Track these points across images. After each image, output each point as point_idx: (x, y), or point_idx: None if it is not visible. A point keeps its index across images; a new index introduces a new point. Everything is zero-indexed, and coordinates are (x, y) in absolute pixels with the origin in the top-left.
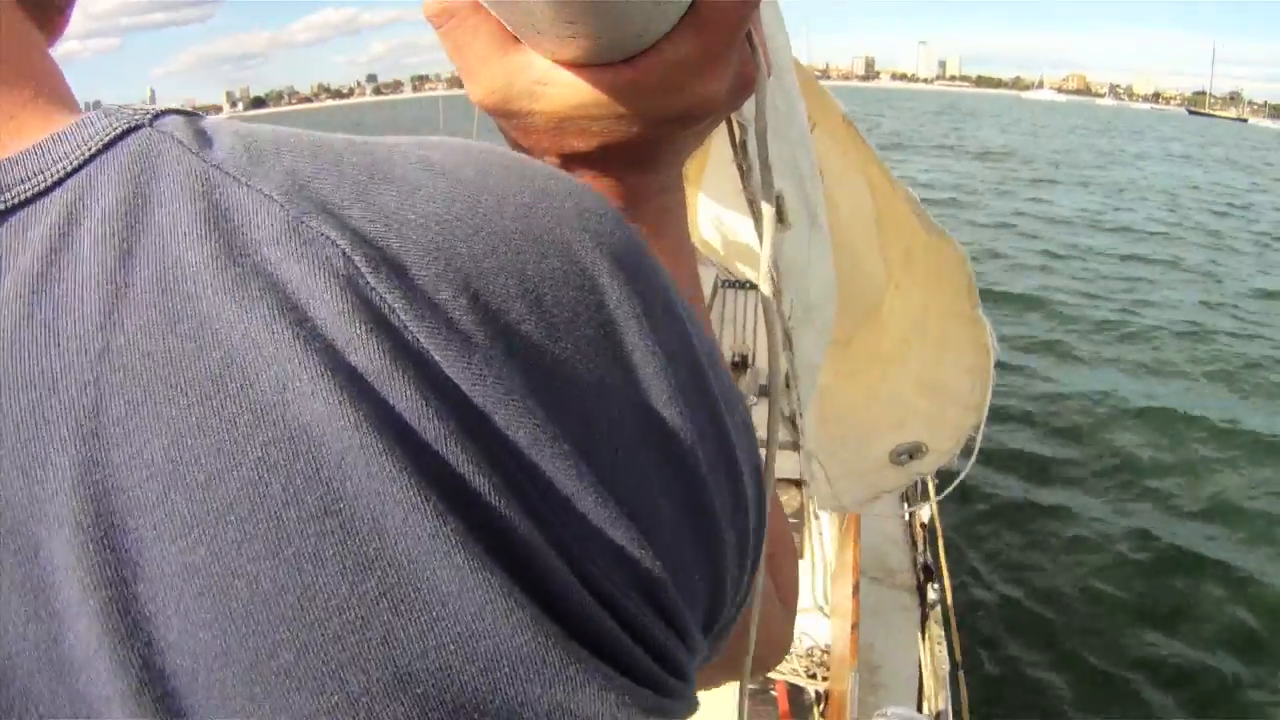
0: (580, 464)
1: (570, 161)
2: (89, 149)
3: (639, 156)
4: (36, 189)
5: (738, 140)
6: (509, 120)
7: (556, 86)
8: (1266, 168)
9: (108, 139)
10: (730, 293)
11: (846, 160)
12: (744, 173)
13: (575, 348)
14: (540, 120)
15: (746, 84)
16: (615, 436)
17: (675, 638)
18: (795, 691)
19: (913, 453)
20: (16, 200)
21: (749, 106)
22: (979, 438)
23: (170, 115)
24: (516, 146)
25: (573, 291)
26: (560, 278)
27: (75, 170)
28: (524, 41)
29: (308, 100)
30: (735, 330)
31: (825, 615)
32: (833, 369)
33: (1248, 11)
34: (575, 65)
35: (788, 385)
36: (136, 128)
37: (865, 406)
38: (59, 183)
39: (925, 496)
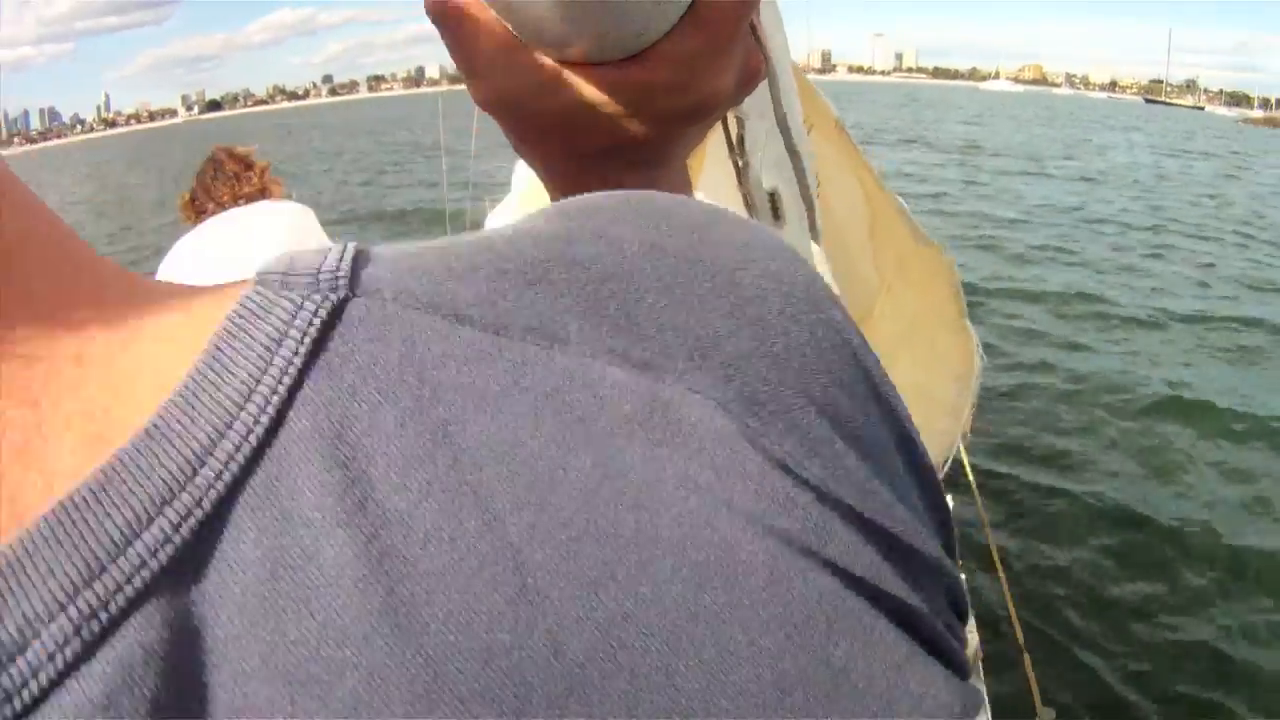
0: (919, 521)
1: (579, 161)
2: (286, 375)
3: (648, 154)
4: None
5: (734, 136)
6: (516, 120)
7: (566, 86)
8: (1233, 155)
9: (311, 338)
10: None
11: (840, 164)
12: (740, 170)
13: (869, 413)
14: (549, 120)
15: (752, 75)
16: (902, 479)
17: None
18: None
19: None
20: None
21: (749, 99)
22: (963, 449)
23: (372, 261)
24: (520, 146)
25: (847, 362)
26: (839, 355)
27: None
28: (525, 41)
29: (263, 103)
30: None
31: None
32: None
33: (1194, 2)
34: (577, 64)
35: None
36: (342, 302)
37: None
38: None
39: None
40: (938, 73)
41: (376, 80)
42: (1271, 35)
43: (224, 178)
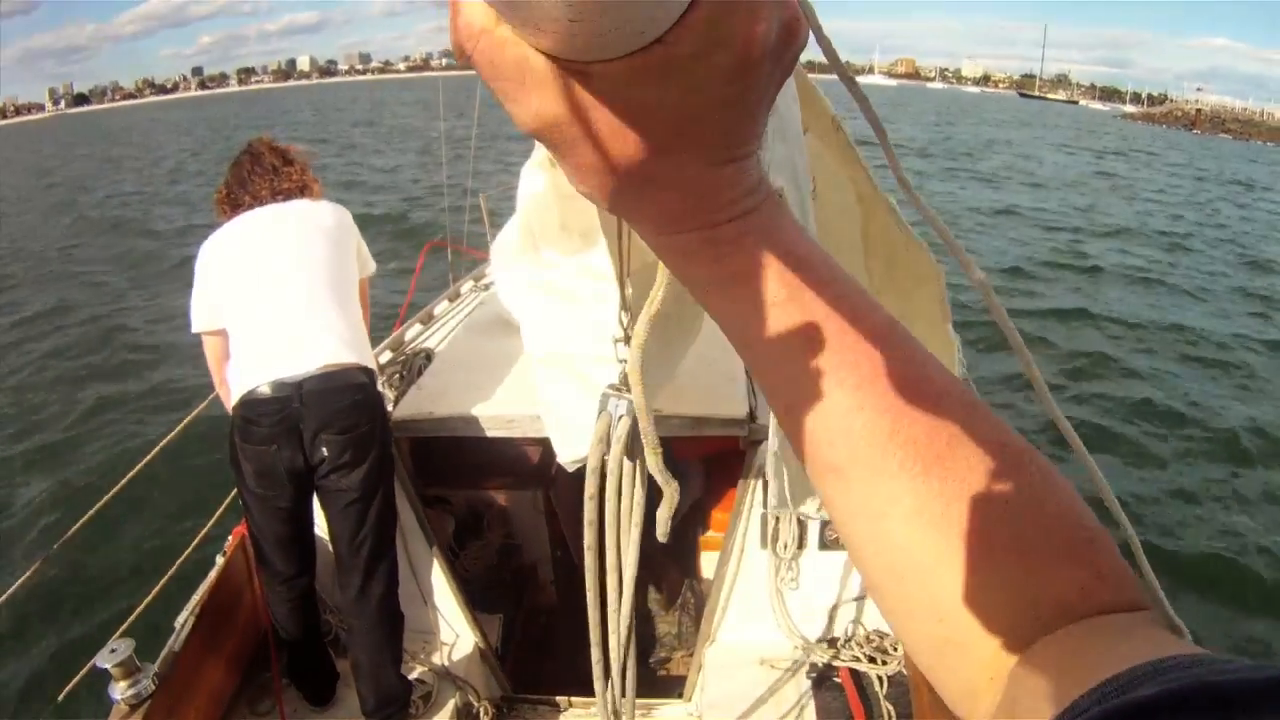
0: None
1: (655, 169)
2: None
3: (716, 139)
4: None
5: None
6: (573, 141)
7: (612, 84)
8: (1136, 152)
9: None
10: None
11: (835, 164)
12: None
13: None
14: (609, 128)
15: (793, 32)
16: None
17: None
18: (858, 677)
19: None
20: None
21: None
22: None
23: None
24: (585, 170)
25: None
26: None
27: None
28: (523, 38)
29: (131, 96)
30: None
31: None
32: None
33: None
34: (579, 64)
35: None
36: None
37: None
38: None
39: None
40: (809, 67)
41: (246, 73)
42: (1142, 31)
43: (262, 171)
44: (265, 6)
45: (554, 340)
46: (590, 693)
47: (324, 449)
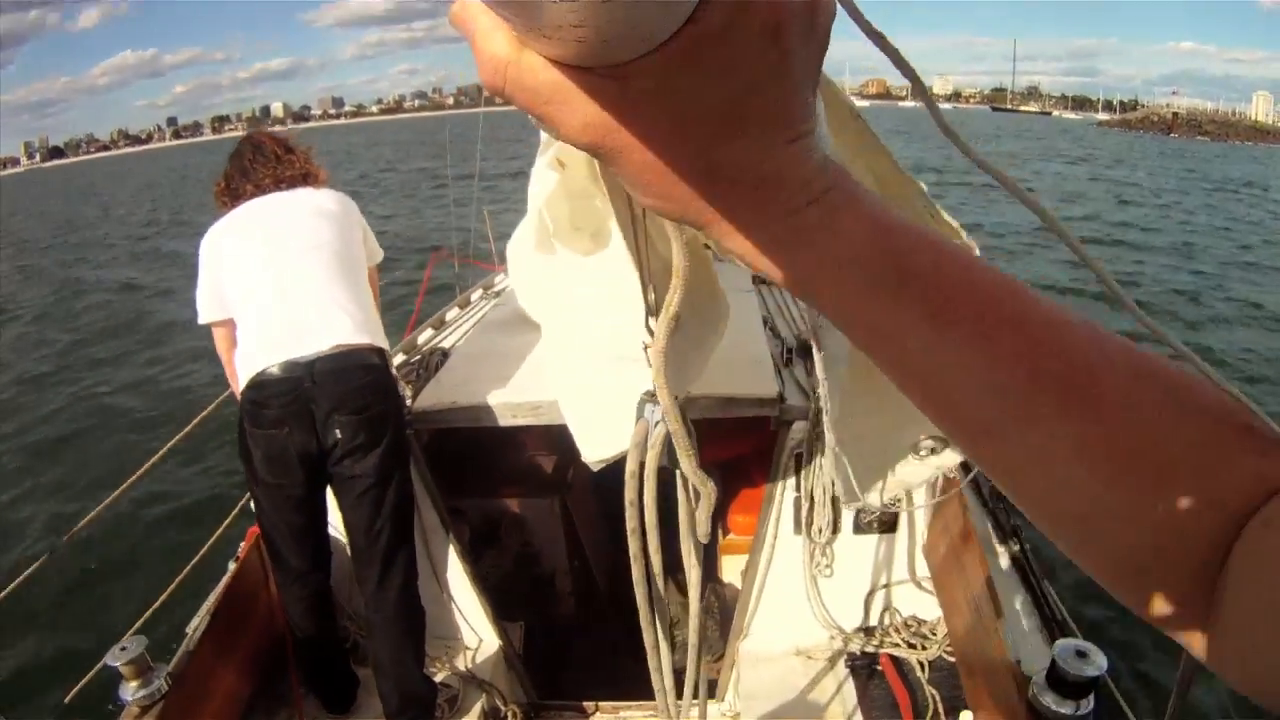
0: None
1: (715, 158)
2: None
3: (768, 116)
4: None
5: None
6: (628, 147)
7: (652, 78)
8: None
9: None
10: (764, 289)
11: (851, 153)
12: None
13: None
14: (660, 124)
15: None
16: None
17: None
18: (899, 663)
19: (934, 447)
20: None
21: None
22: None
23: None
24: (648, 175)
25: None
26: None
27: None
28: (525, 43)
29: (106, 148)
30: (785, 319)
31: (921, 587)
32: (857, 364)
33: (1037, 12)
34: (613, 67)
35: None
36: None
37: (888, 401)
38: None
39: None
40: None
41: (220, 121)
42: (1110, 39)
43: (264, 160)
44: (237, 55)
45: (571, 340)
46: (619, 697)
47: (337, 430)
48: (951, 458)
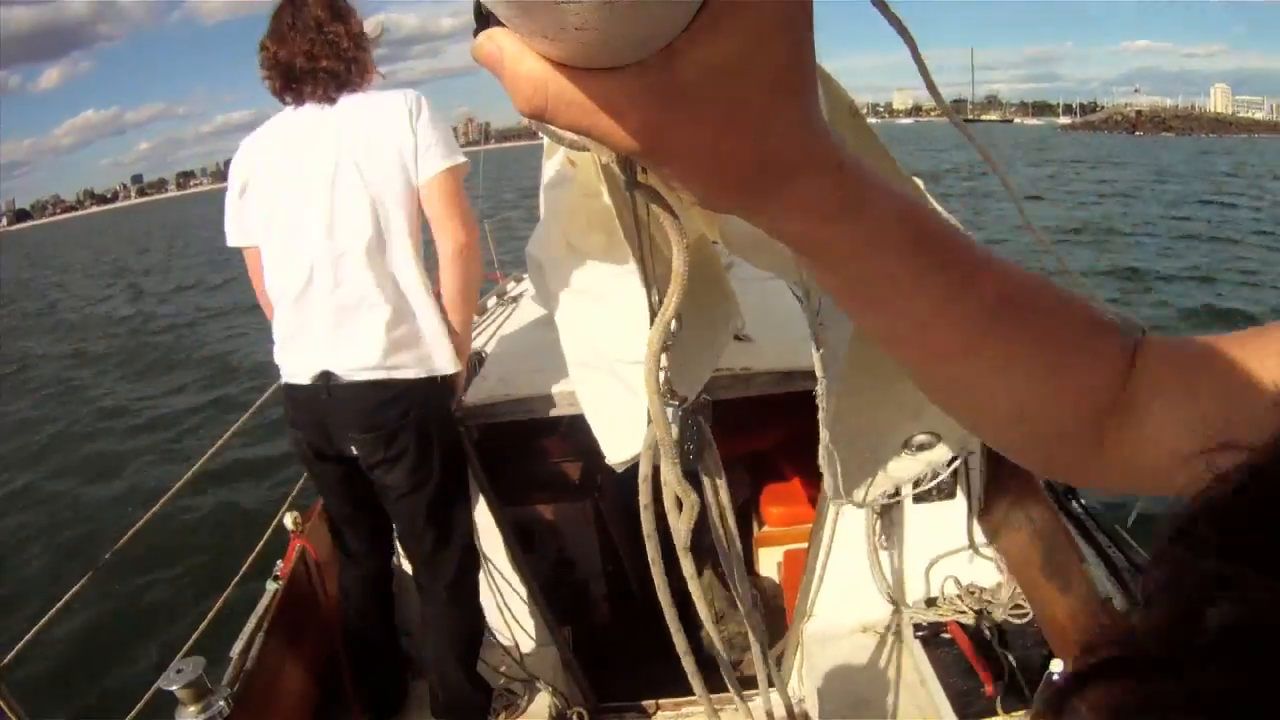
0: None
1: (768, 127)
2: None
3: (801, 77)
4: None
5: None
6: (684, 144)
7: (685, 58)
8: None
9: None
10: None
11: (855, 152)
12: None
13: None
14: (709, 109)
15: None
16: None
17: None
18: (967, 630)
19: (927, 442)
20: None
21: None
22: None
23: None
24: (709, 168)
25: None
26: None
27: None
28: (529, 45)
29: (73, 208)
30: None
31: (979, 553)
32: (852, 361)
33: (993, 16)
34: (589, 68)
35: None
36: None
37: (883, 398)
38: None
39: None
40: None
41: (185, 177)
42: (1066, 43)
43: (303, 27)
44: (199, 109)
45: (590, 340)
46: (674, 693)
47: (352, 447)
48: (943, 453)
